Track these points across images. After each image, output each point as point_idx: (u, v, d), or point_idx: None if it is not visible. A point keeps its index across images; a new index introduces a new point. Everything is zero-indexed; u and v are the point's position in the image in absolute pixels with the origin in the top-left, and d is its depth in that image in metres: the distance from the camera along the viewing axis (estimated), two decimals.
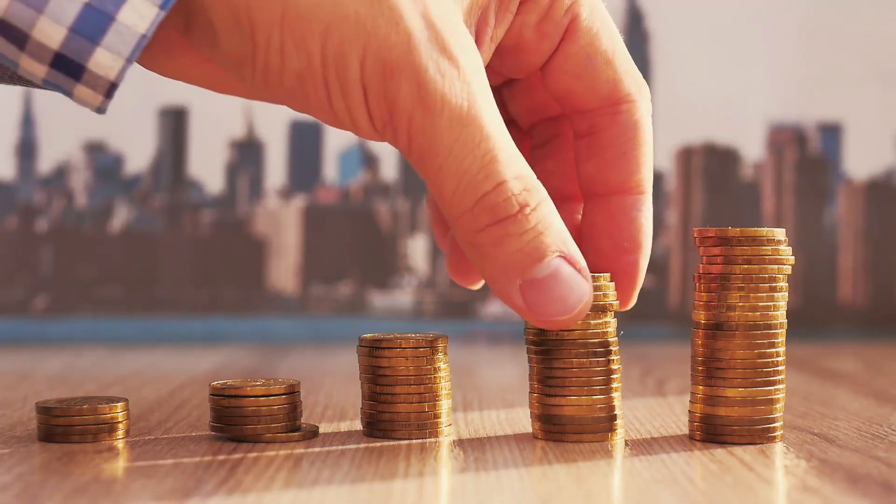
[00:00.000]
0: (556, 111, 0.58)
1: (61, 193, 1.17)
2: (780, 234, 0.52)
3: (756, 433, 0.52)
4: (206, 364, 0.90)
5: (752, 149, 1.21)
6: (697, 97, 1.19)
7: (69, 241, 1.17)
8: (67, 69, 0.45)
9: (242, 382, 0.55)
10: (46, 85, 0.46)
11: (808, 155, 1.21)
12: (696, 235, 0.54)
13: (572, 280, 0.48)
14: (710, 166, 1.20)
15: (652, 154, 0.56)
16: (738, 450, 0.51)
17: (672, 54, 1.20)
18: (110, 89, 0.45)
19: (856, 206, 1.20)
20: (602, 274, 0.53)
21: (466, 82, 0.47)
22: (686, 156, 1.20)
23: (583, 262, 0.49)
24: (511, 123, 0.59)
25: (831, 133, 1.21)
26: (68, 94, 0.46)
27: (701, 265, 0.53)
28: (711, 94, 1.19)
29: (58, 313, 1.15)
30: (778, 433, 0.53)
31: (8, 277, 1.15)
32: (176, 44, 0.48)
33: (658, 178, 1.21)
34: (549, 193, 0.49)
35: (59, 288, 1.16)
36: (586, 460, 0.49)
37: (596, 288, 0.52)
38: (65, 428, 0.53)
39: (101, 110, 0.46)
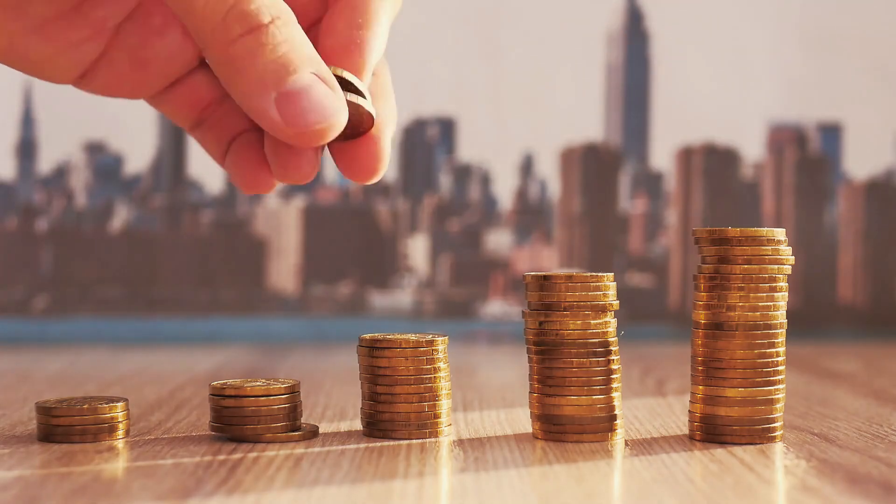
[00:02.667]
0: None
1: (61, 193, 1.17)
2: (780, 234, 0.52)
3: (756, 433, 0.52)
4: (206, 364, 0.90)
5: (752, 149, 1.21)
6: (697, 97, 1.19)
7: (69, 241, 1.17)
8: None
9: (242, 382, 0.55)
10: None
11: (808, 155, 1.21)
12: (696, 235, 0.54)
13: (326, 95, 0.48)
14: (710, 166, 1.20)
15: None
16: (738, 450, 0.51)
17: (672, 54, 1.20)
18: None
19: (856, 206, 1.20)
20: (603, 274, 0.53)
21: None
22: (686, 156, 1.20)
23: (335, 83, 0.49)
24: None
25: (831, 133, 1.21)
26: None
27: (701, 265, 0.53)
28: (711, 94, 1.19)
29: (58, 313, 1.15)
30: (778, 433, 0.53)
31: (8, 277, 1.15)
32: None
33: (658, 178, 1.21)
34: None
35: (59, 288, 1.16)
36: (586, 460, 0.49)
37: (596, 288, 0.52)
38: (65, 428, 0.53)
39: None
